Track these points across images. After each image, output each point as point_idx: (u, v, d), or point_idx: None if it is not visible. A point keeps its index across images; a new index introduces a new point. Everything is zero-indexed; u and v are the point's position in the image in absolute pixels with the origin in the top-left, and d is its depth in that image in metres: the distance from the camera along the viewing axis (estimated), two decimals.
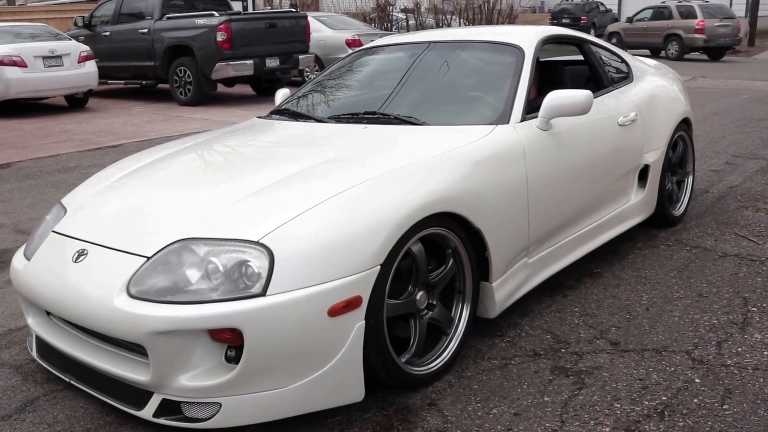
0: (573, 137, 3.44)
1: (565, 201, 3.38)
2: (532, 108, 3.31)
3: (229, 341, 2.21)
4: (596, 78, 4.19)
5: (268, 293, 2.18)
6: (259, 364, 2.20)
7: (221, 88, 11.86)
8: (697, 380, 2.66)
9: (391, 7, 16.65)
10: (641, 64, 4.72)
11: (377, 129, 3.22)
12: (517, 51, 3.55)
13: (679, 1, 23.20)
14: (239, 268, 2.23)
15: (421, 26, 15.65)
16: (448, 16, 15.84)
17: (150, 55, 11.38)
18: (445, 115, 3.35)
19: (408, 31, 15.53)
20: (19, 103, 10.84)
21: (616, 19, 30.74)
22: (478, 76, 3.67)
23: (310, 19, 12.54)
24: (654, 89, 4.45)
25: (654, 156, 4.19)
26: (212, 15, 10.76)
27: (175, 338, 2.19)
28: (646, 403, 2.52)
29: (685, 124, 4.63)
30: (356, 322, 2.31)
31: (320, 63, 13.12)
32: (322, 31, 13.24)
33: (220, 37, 10.47)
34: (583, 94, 3.24)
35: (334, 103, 3.84)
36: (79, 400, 2.66)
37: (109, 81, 12.21)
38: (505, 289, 3.00)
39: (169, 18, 11.28)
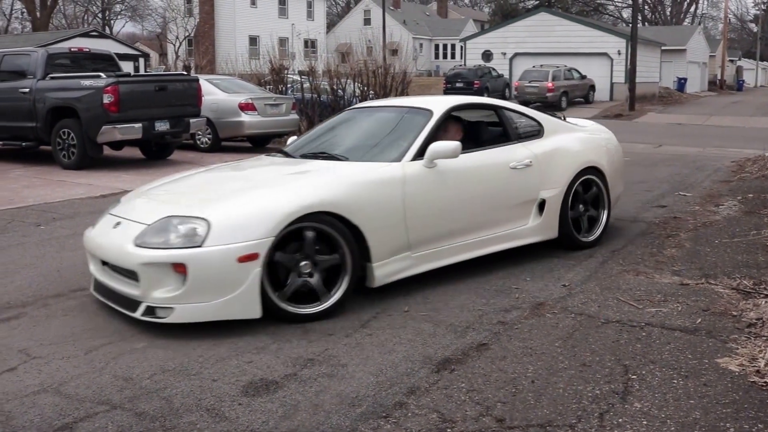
0: (458, 175, 4.74)
1: (447, 218, 4.67)
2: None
3: (182, 272, 3.80)
4: (505, 134, 5.37)
5: (203, 246, 3.83)
6: (196, 286, 3.82)
7: (109, 151, 11.38)
8: None
9: (286, 71, 16.70)
10: (560, 125, 5.77)
11: (318, 162, 4.79)
12: (429, 112, 4.93)
13: (533, 67, 27.93)
14: (193, 231, 3.89)
15: (316, 90, 15.76)
16: (343, 80, 16.01)
17: (31, 115, 10.82)
18: (363, 154, 4.81)
19: (302, 94, 15.62)
20: None
21: (507, 84, 32.10)
22: (397, 128, 5.05)
23: (202, 82, 12.37)
24: (559, 143, 5.51)
25: (551, 193, 5.31)
26: (99, 76, 10.39)
27: (153, 268, 3.87)
28: None
29: (594, 170, 5.63)
30: (255, 268, 3.86)
31: (212, 126, 12.90)
32: (215, 94, 13.07)
33: (107, 99, 10.09)
34: (453, 144, 4.58)
35: (306, 145, 5.37)
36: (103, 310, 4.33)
37: None
38: (385, 270, 4.37)
39: (52, 78, 10.82)
